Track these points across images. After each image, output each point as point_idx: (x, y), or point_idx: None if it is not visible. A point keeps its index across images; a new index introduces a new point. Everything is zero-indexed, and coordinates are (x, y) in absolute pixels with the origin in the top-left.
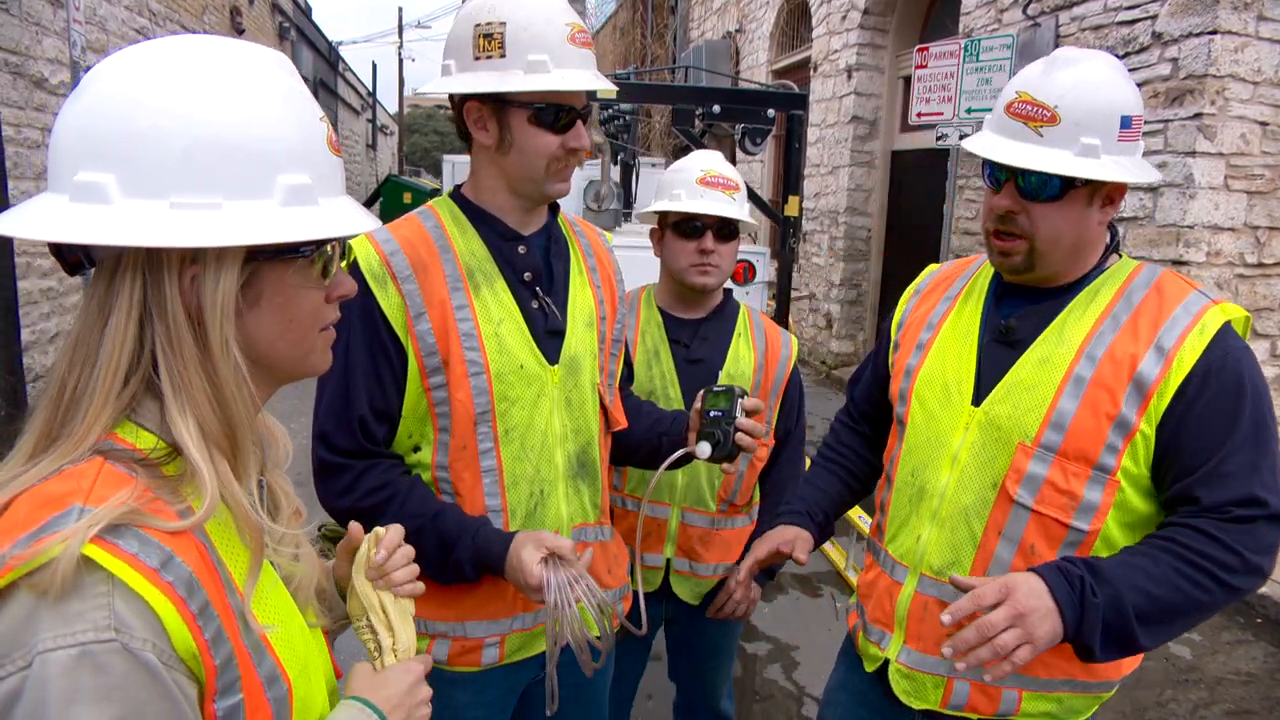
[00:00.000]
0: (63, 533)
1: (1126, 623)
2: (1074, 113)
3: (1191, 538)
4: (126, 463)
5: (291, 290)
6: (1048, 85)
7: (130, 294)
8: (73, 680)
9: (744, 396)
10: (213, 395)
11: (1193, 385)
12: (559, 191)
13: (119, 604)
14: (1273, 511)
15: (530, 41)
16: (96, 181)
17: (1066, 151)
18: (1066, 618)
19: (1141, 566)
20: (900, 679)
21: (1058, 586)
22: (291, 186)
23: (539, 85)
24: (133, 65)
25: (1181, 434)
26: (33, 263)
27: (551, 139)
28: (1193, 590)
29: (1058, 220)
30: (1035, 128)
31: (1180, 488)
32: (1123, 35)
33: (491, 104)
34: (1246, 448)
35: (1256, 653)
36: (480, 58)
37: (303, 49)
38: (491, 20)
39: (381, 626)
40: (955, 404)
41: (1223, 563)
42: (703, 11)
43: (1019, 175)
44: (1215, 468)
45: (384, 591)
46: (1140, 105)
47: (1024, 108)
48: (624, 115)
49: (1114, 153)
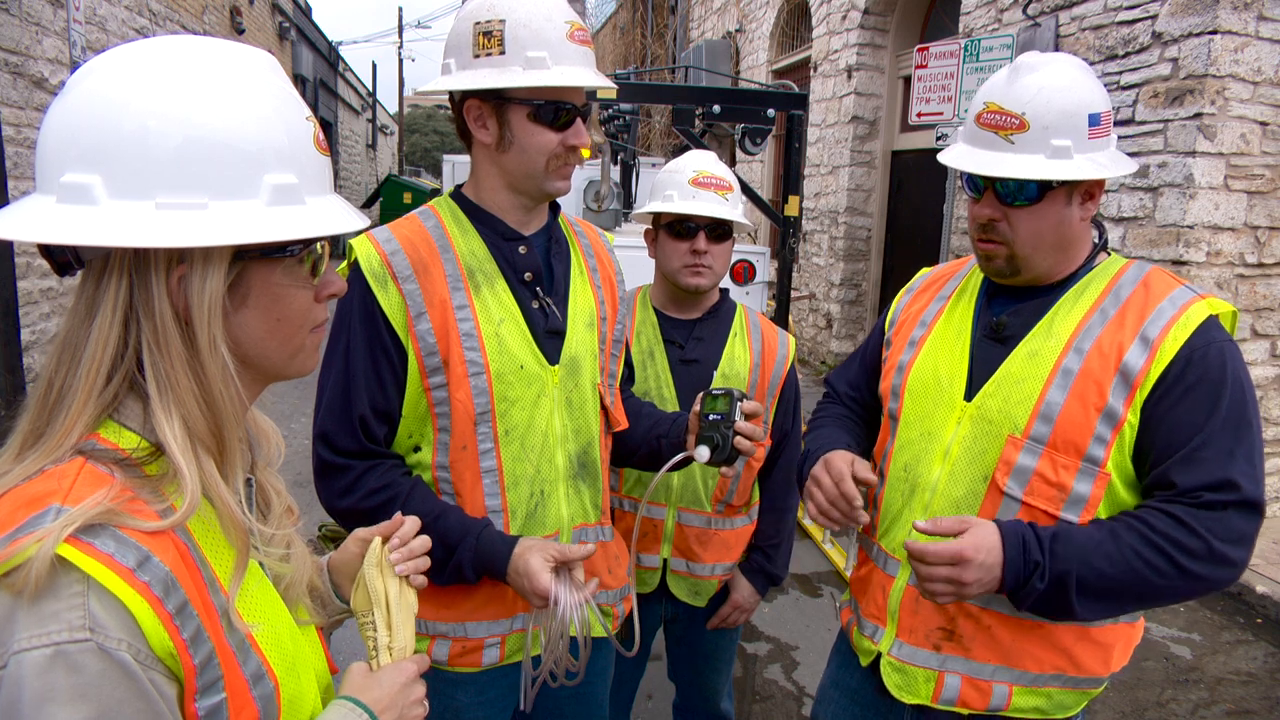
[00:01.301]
0: (38, 533)
1: (1066, 595)
2: (1042, 117)
3: (1158, 519)
4: (107, 463)
5: (279, 289)
6: (1013, 93)
7: (116, 294)
8: (47, 680)
9: (743, 400)
10: (200, 395)
11: (1173, 372)
12: (559, 189)
13: (94, 604)
14: (1245, 497)
15: (529, 38)
16: (83, 182)
17: (1039, 156)
18: (1005, 580)
19: (1100, 542)
20: (892, 672)
21: (1011, 549)
22: (278, 186)
23: (538, 81)
24: (118, 66)
25: (1160, 420)
26: (32, 263)
27: (551, 136)
28: (1146, 571)
29: (1037, 224)
30: (1006, 136)
31: (1157, 473)
32: (1123, 35)
33: (491, 102)
34: (1224, 434)
35: (1256, 653)
36: (480, 55)
37: (303, 49)
38: (491, 18)
39: (383, 624)
40: (947, 399)
41: (1185, 547)
42: (703, 11)
43: (996, 183)
44: (1190, 453)
45: (392, 583)
46: (1107, 101)
47: (993, 117)
48: (624, 115)
49: (1086, 151)
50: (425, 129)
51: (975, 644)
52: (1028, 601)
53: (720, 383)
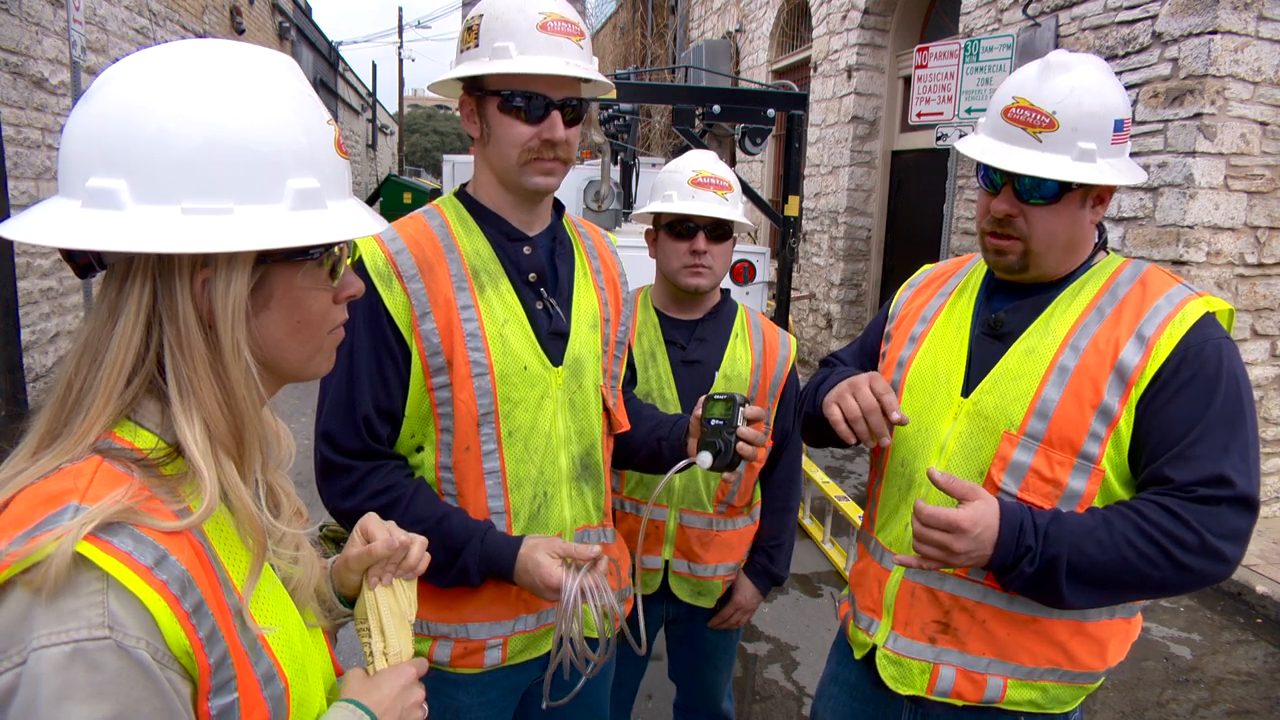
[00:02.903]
0: (56, 530)
1: (1055, 579)
2: (1072, 119)
3: (1153, 511)
4: (124, 462)
5: (301, 292)
6: (1045, 91)
7: (140, 298)
8: (66, 677)
9: (745, 404)
10: (223, 398)
11: (1168, 369)
12: (538, 185)
13: (113, 602)
14: (1239, 493)
15: (498, 30)
16: (108, 187)
17: (1065, 157)
18: (994, 559)
19: (1093, 529)
20: (888, 664)
21: (1007, 530)
22: (301, 190)
23: (497, 69)
24: (143, 71)
25: (1156, 417)
26: (33, 263)
27: (523, 129)
28: (1138, 562)
29: (1054, 222)
30: (1034, 133)
31: (1152, 469)
32: (1123, 35)
33: (475, 96)
34: (1219, 430)
35: (1256, 653)
36: (463, 50)
37: (303, 49)
38: (474, 15)
39: (376, 630)
40: (945, 395)
41: (1179, 539)
42: (703, 11)
43: (1016, 179)
44: (1185, 449)
45: (384, 589)
46: (1129, 108)
47: (1022, 113)
48: (624, 115)
49: (1108, 156)
50: (425, 129)
51: (970, 637)
52: (1015, 584)
53: (722, 383)
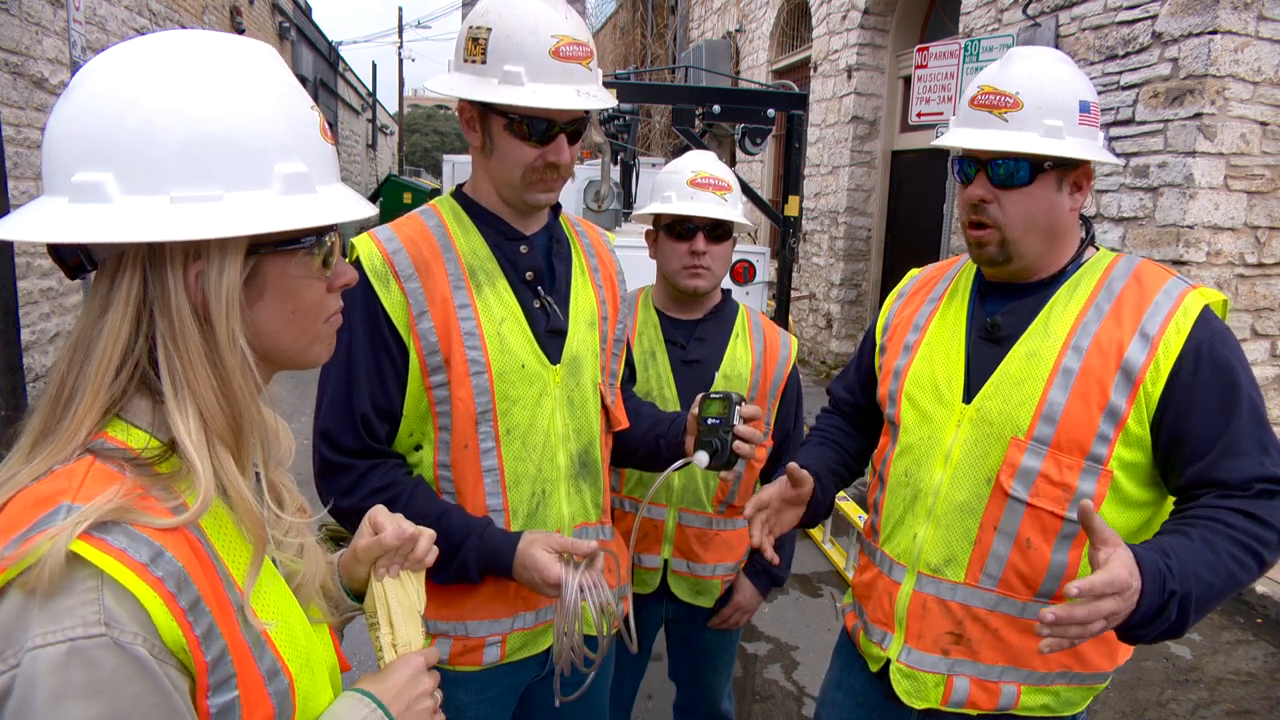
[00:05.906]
0: (50, 531)
1: (1185, 618)
2: (1035, 97)
3: (1235, 518)
4: (117, 461)
5: (294, 281)
6: (1007, 76)
7: (129, 290)
8: (62, 676)
9: (741, 403)
10: (219, 389)
11: (1185, 369)
12: (538, 201)
13: (108, 599)
14: None
15: (510, 51)
16: (95, 181)
17: (1032, 134)
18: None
19: (1202, 556)
20: (902, 679)
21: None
22: (289, 175)
23: (508, 99)
24: (122, 63)
25: (1184, 418)
26: (33, 263)
27: (528, 150)
28: (1240, 572)
29: (1029, 206)
30: (1000, 114)
31: (1194, 471)
32: (1123, 35)
33: (477, 106)
34: (1252, 426)
35: (1256, 653)
36: (467, 60)
37: (303, 49)
38: (481, 25)
39: (385, 621)
40: (946, 402)
41: (1264, 539)
42: (703, 11)
43: (988, 165)
44: (1228, 448)
45: (393, 583)
46: (1093, 93)
47: (987, 98)
48: (624, 115)
49: (1076, 135)
50: (425, 129)
51: (983, 646)
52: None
53: (722, 384)
